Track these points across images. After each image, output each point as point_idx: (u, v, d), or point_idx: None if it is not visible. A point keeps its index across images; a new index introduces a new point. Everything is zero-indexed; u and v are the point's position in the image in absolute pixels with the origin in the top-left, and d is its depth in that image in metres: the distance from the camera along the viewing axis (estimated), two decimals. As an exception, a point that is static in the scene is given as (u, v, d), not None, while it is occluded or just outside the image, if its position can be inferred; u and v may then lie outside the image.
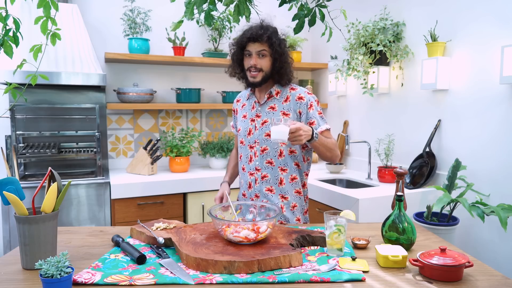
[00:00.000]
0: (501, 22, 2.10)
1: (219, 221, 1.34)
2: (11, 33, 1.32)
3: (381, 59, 2.79)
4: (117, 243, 1.40)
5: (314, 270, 1.18)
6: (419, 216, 2.11)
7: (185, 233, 1.42)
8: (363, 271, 1.18)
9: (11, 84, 1.38)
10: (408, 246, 1.38)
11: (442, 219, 2.07)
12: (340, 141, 3.27)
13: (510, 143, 2.08)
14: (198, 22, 3.15)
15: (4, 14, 1.30)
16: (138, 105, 3.02)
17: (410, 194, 2.37)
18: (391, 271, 1.21)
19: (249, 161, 1.84)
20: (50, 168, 1.30)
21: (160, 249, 1.34)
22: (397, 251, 1.25)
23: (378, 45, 2.67)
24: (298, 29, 1.50)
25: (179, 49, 3.16)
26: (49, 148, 2.78)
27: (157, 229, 1.49)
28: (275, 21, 1.81)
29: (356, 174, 3.08)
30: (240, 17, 1.43)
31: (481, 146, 2.23)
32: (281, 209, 1.76)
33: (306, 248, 1.39)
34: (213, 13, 1.44)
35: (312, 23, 1.49)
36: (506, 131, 2.10)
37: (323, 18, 1.49)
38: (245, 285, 1.10)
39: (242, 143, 1.88)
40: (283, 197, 1.79)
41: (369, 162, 2.86)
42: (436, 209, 1.98)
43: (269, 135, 1.75)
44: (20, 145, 2.83)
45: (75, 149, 2.98)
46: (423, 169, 2.56)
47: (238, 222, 1.35)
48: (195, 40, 3.37)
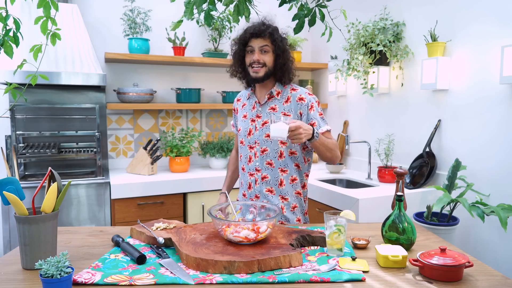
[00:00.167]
0: (501, 22, 2.10)
1: (219, 221, 1.34)
2: (11, 33, 1.32)
3: (381, 59, 2.79)
4: (117, 243, 1.40)
5: (314, 270, 1.18)
6: (419, 216, 2.11)
7: (185, 233, 1.42)
8: (363, 271, 1.18)
9: (11, 84, 1.38)
10: (408, 246, 1.38)
11: (442, 219, 2.07)
12: (340, 141, 3.27)
13: (510, 143, 2.08)
14: (198, 22, 3.15)
15: (4, 14, 1.30)
16: (138, 105, 3.02)
17: (410, 194, 2.37)
18: (391, 271, 1.21)
19: (249, 161, 1.84)
20: (50, 168, 1.30)
21: (160, 249, 1.34)
22: (397, 251, 1.25)
23: (378, 45, 2.67)
24: (298, 29, 1.50)
25: (179, 49, 3.16)
26: (49, 148, 2.78)
27: (157, 229, 1.49)
28: (275, 21, 1.81)
29: (356, 174, 3.08)
30: (239, 17, 1.43)
31: (481, 146, 2.23)
32: (281, 209, 1.77)
33: (306, 248, 1.39)
34: (213, 13, 1.44)
35: (312, 23, 1.49)
36: (506, 131, 2.10)
37: (323, 18, 1.49)
38: (245, 285, 1.10)
39: (242, 143, 1.88)
40: (283, 198, 1.79)
41: (369, 162, 2.86)
42: (436, 209, 1.98)
43: (269, 135, 1.75)
44: (20, 145, 2.83)
45: (75, 149, 2.98)
46: (423, 169, 2.56)
47: (238, 222, 1.35)
48: (195, 40, 3.37)
